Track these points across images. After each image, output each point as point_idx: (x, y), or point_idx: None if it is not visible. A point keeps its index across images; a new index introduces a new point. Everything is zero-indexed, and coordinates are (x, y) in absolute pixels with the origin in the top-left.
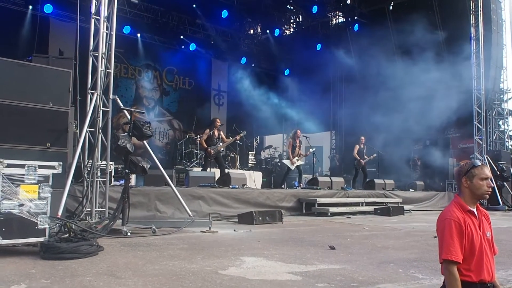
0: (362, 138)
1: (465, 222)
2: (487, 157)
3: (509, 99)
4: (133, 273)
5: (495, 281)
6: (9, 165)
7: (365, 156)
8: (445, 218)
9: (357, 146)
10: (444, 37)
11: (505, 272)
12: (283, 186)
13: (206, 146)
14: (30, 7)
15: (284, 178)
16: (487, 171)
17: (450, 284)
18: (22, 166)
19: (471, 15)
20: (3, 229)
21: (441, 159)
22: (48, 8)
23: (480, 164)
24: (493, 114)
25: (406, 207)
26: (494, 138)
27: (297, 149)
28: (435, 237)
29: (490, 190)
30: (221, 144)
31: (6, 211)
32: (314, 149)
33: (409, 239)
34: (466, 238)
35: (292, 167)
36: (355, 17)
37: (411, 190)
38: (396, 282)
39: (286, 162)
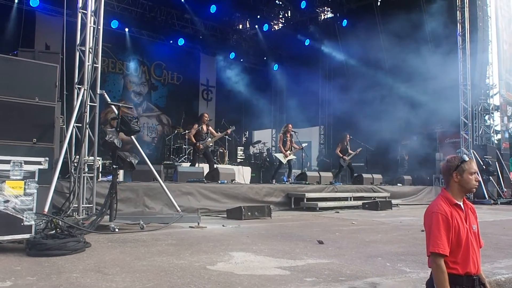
0: (347, 135)
1: (452, 216)
2: (473, 152)
3: (495, 94)
4: (120, 269)
5: (480, 273)
6: None
7: (350, 151)
8: (432, 211)
9: (340, 145)
10: (430, 33)
11: (490, 265)
12: (273, 180)
13: (195, 141)
14: (16, 0)
15: (275, 172)
16: (475, 166)
17: (437, 277)
18: (8, 161)
19: (458, 12)
20: None
21: (428, 154)
22: (34, 2)
23: (468, 159)
24: (479, 109)
25: (394, 201)
26: (480, 133)
27: (288, 143)
28: (422, 231)
29: (477, 184)
30: (209, 139)
31: None
32: (306, 144)
33: (396, 233)
34: (453, 231)
35: (285, 161)
36: (344, 13)
37: (398, 184)
38: (384, 276)
39: (279, 156)
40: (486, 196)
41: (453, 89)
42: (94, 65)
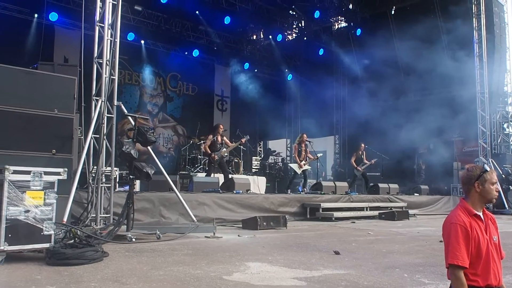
0: (362, 145)
1: (471, 226)
2: (492, 161)
3: None
4: (137, 279)
5: (502, 285)
6: (15, 172)
7: (365, 161)
8: (451, 222)
9: (355, 154)
10: (446, 40)
11: None
12: (288, 190)
13: (209, 152)
14: (36, 15)
15: (290, 182)
16: (495, 176)
17: None
18: (28, 172)
19: (474, 19)
20: (10, 235)
21: (445, 163)
22: (53, 16)
23: (489, 169)
24: (498, 118)
25: (411, 211)
26: (498, 141)
27: (303, 153)
28: (441, 241)
29: (497, 194)
30: (224, 149)
31: (12, 217)
32: (321, 154)
33: (414, 243)
34: (473, 243)
35: (299, 171)
36: (357, 22)
37: (415, 194)
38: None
39: (294, 166)
40: (506, 206)
41: (470, 97)
42: (111, 77)
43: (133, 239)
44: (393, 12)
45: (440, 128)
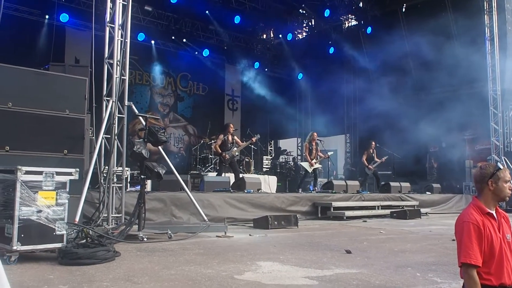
0: (373, 143)
1: (484, 225)
2: (505, 159)
3: None
4: (149, 278)
5: None
6: (27, 172)
7: (376, 159)
8: (464, 221)
9: (366, 153)
10: (458, 38)
11: None
12: (299, 190)
13: (220, 151)
14: (47, 16)
15: (301, 181)
16: (509, 174)
17: None
18: (40, 173)
19: (485, 16)
20: (22, 235)
21: (457, 161)
22: (64, 18)
23: (502, 167)
24: (510, 115)
25: (422, 210)
26: (511, 139)
27: (314, 152)
28: (453, 240)
29: (511, 192)
30: (235, 149)
31: (25, 217)
32: (332, 152)
33: (426, 242)
34: (485, 241)
35: (310, 170)
36: (368, 20)
37: (427, 192)
38: (414, 287)
39: (305, 164)
40: None
41: (482, 95)
42: (122, 77)
43: (145, 239)
44: (404, 9)
45: (451, 126)
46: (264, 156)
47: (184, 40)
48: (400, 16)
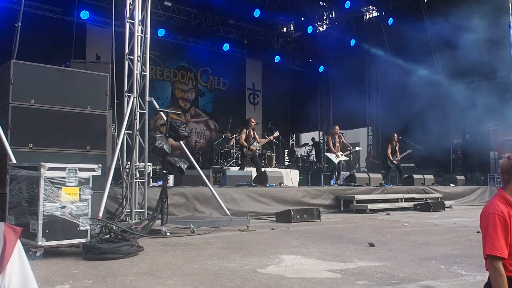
0: (395, 135)
1: (510, 216)
2: None
3: None
4: (172, 273)
5: None
6: (50, 169)
7: (398, 153)
8: (489, 212)
9: (390, 146)
10: (482, 28)
11: None
12: (333, 181)
13: (246, 144)
14: (67, 14)
15: (331, 173)
16: None
17: (495, 280)
18: (63, 169)
19: (510, 4)
20: (47, 231)
21: (482, 153)
22: (84, 15)
23: None
24: None
25: (446, 202)
26: None
27: (337, 145)
28: (478, 232)
29: None
30: (256, 144)
31: (49, 213)
32: (360, 148)
33: (450, 234)
34: (511, 233)
35: (336, 161)
36: (389, 11)
37: (451, 185)
38: (439, 279)
39: (331, 156)
40: None
41: (506, 85)
42: (143, 73)
43: (168, 233)
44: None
45: (475, 117)
46: (286, 150)
47: (204, 34)
48: (422, 6)
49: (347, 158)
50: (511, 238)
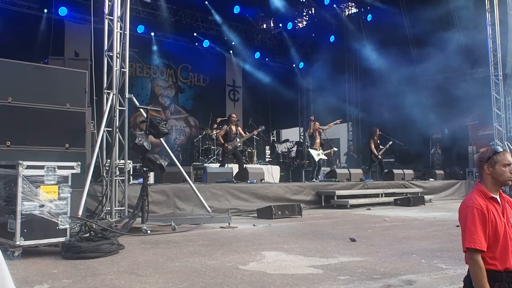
0: (377, 129)
1: (488, 209)
2: (507, 144)
3: None
4: (154, 271)
5: None
6: (28, 167)
7: (381, 146)
8: (467, 206)
9: (372, 140)
10: (458, 23)
11: None
12: (314, 180)
13: (223, 141)
14: (45, 10)
15: (314, 172)
16: (509, 157)
17: (474, 273)
18: (42, 167)
19: (487, 2)
20: (25, 230)
21: (460, 147)
22: (62, 11)
23: (501, 150)
24: None
25: (426, 197)
26: None
27: (317, 141)
28: (458, 226)
29: None
30: (238, 139)
31: (27, 212)
32: (336, 149)
33: (430, 229)
34: (490, 226)
35: (317, 159)
36: (368, 7)
37: (431, 179)
38: (419, 273)
39: (313, 153)
40: None
41: (484, 80)
42: (122, 70)
43: (149, 231)
44: None
45: (454, 112)
46: (266, 146)
47: (184, 31)
48: (400, 2)
49: (326, 158)
50: (489, 231)
